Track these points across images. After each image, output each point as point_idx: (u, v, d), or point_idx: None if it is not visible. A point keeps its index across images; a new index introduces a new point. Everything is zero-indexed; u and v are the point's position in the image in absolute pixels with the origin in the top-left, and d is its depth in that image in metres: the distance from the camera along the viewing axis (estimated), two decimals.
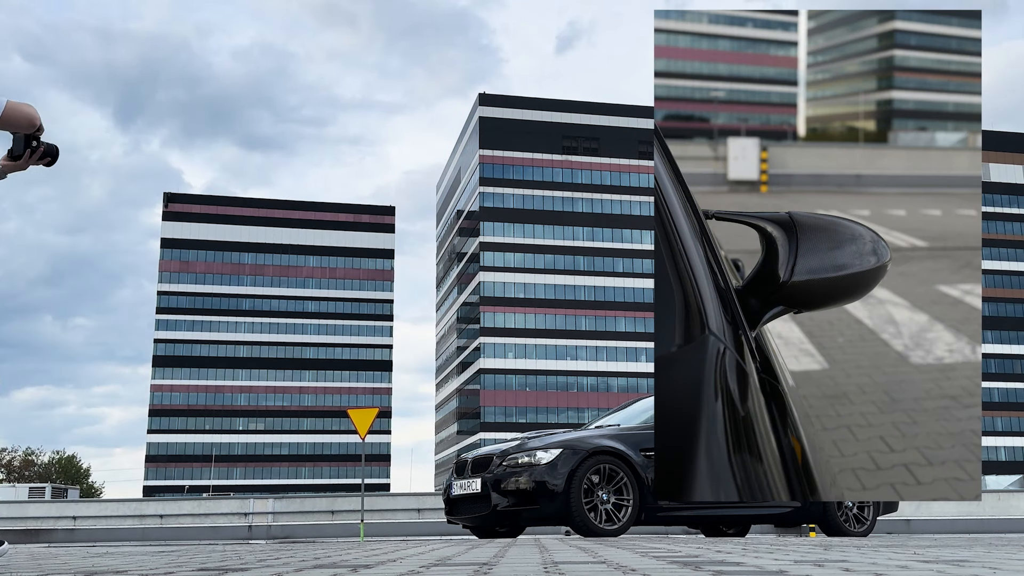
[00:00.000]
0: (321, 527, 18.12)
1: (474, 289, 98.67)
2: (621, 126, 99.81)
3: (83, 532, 17.87)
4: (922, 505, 17.67)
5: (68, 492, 43.13)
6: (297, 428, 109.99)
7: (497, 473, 7.65)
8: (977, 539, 7.12)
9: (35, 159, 3.61)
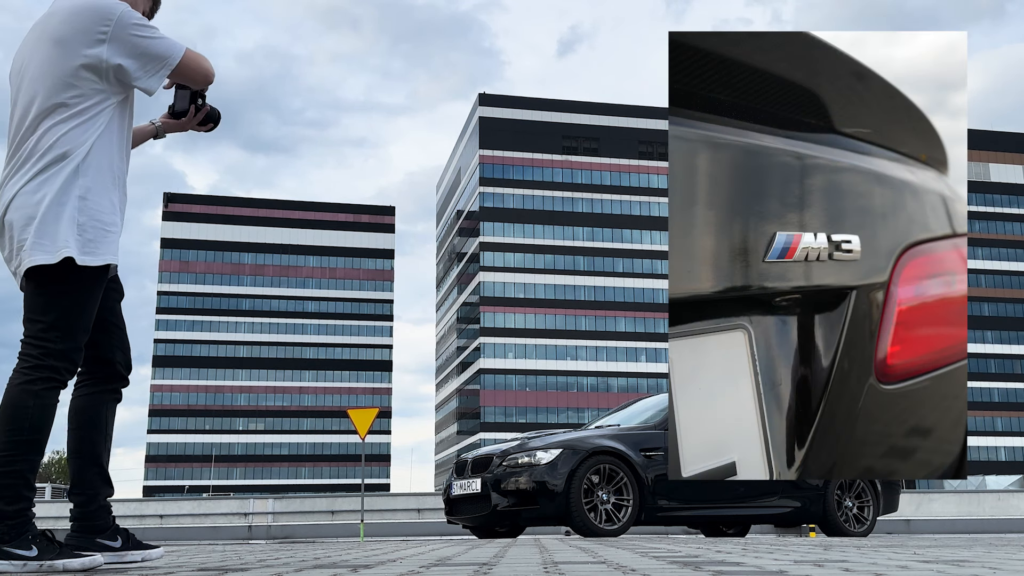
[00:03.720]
0: (321, 527, 18.11)
1: (474, 289, 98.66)
2: (621, 126, 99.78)
3: None
4: (922, 505, 17.67)
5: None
6: (297, 428, 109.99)
7: (497, 473, 7.64)
8: (977, 539, 7.13)
9: (197, 120, 3.28)
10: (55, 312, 2.84)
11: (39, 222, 2.81)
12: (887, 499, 8.79)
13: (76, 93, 2.88)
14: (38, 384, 2.80)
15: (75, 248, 2.81)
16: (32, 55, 2.96)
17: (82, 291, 2.87)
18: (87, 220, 2.85)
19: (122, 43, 2.88)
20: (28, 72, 2.96)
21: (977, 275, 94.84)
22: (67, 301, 2.85)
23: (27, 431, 2.76)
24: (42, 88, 2.90)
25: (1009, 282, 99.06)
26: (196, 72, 3.05)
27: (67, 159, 2.84)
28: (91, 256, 2.85)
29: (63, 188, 2.83)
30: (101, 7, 2.87)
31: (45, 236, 2.80)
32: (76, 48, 2.86)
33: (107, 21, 2.86)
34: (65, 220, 2.81)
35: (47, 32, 2.93)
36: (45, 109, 2.88)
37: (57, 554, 2.75)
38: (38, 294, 2.86)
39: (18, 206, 2.85)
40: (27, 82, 2.95)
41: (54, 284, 2.83)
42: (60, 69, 2.88)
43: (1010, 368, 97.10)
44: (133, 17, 2.90)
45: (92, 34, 2.86)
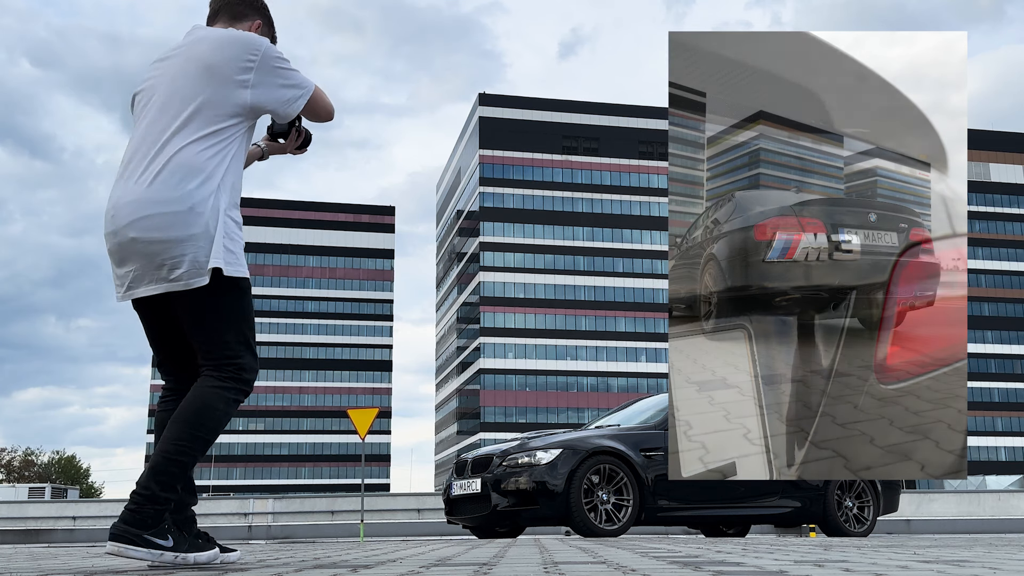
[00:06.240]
0: (321, 527, 18.12)
1: (474, 289, 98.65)
2: (621, 126, 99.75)
3: (83, 532, 17.88)
4: (922, 505, 17.68)
5: (68, 492, 43.12)
6: (297, 428, 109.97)
7: (497, 473, 7.64)
8: (977, 539, 7.13)
9: (297, 143, 3.46)
10: (232, 325, 2.99)
11: (190, 240, 2.88)
12: (887, 499, 8.79)
13: (218, 116, 2.99)
14: (231, 393, 2.97)
15: (224, 262, 2.93)
16: (175, 77, 3.04)
17: (245, 301, 3.02)
18: (229, 235, 2.97)
19: (266, 74, 3.05)
20: (163, 90, 3.04)
21: (977, 275, 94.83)
22: (239, 312, 3.01)
23: (207, 431, 2.92)
24: (184, 108, 2.99)
25: (1009, 282, 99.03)
26: (323, 108, 3.23)
27: (210, 179, 2.94)
28: (240, 268, 2.99)
29: (213, 207, 2.92)
30: (249, 39, 3.05)
31: (201, 252, 2.89)
32: (225, 74, 3.00)
33: (255, 52, 3.03)
34: (217, 237, 2.92)
35: (195, 56, 3.04)
36: (185, 129, 2.96)
37: (188, 547, 2.90)
38: (208, 309, 2.96)
39: (158, 225, 2.88)
40: (163, 100, 3.02)
41: (214, 297, 2.95)
42: (206, 93, 2.99)
43: (1010, 368, 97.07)
44: (275, 51, 3.09)
45: (240, 62, 3.01)
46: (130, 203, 2.91)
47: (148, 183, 2.91)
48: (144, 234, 2.89)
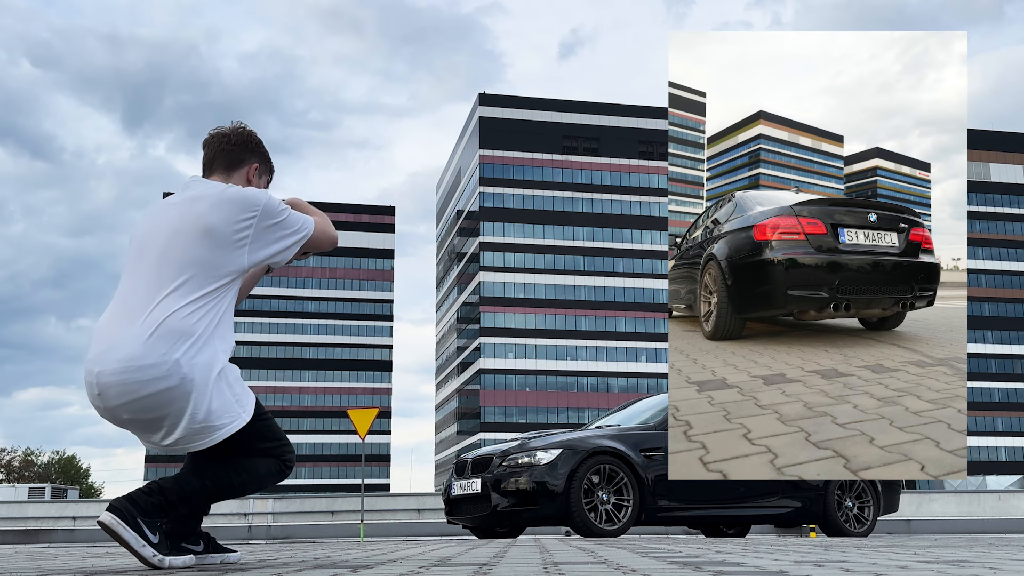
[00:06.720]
0: (321, 527, 18.12)
1: (474, 289, 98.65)
2: (621, 126, 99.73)
3: (83, 532, 17.87)
4: (922, 505, 17.68)
5: (68, 492, 43.14)
6: (297, 428, 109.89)
7: (497, 473, 7.64)
8: (977, 539, 7.12)
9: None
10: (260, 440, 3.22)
11: (199, 396, 2.93)
12: (887, 499, 8.78)
13: (213, 278, 3.01)
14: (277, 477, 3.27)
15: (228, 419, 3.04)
16: (175, 233, 3.04)
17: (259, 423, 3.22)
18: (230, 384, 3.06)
19: (264, 230, 3.08)
20: (160, 244, 3.04)
21: (977, 275, 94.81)
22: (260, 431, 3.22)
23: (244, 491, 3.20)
24: (181, 273, 2.98)
25: (1009, 282, 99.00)
26: (325, 240, 3.28)
27: (201, 341, 2.95)
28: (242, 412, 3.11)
29: (211, 361, 2.97)
30: (247, 198, 3.06)
31: (214, 408, 2.98)
32: (224, 235, 3.01)
33: (253, 210, 3.05)
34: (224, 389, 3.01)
35: (194, 214, 3.04)
36: (179, 290, 2.96)
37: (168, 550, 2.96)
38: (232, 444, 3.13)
39: (147, 407, 2.90)
40: (159, 255, 3.02)
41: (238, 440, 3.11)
42: (203, 256, 3.00)
43: (1010, 368, 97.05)
44: (273, 204, 3.11)
45: (238, 222, 3.03)
46: (118, 380, 2.88)
47: (141, 342, 2.87)
48: (137, 416, 2.93)
